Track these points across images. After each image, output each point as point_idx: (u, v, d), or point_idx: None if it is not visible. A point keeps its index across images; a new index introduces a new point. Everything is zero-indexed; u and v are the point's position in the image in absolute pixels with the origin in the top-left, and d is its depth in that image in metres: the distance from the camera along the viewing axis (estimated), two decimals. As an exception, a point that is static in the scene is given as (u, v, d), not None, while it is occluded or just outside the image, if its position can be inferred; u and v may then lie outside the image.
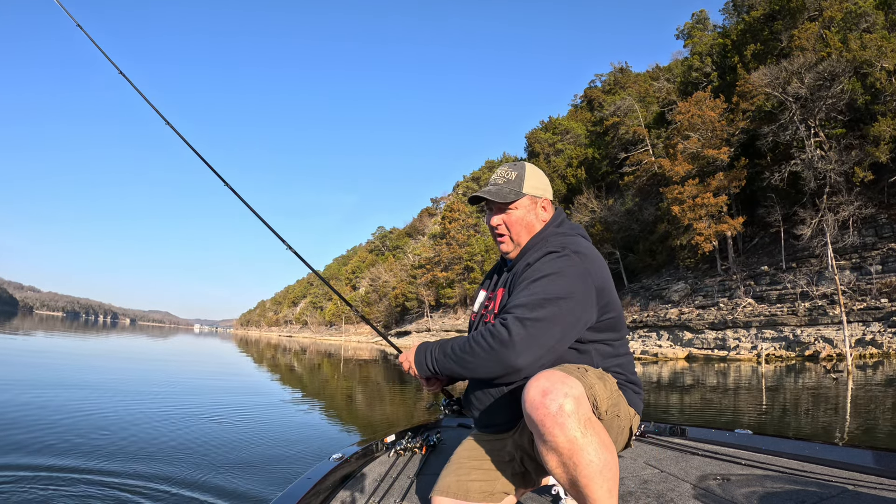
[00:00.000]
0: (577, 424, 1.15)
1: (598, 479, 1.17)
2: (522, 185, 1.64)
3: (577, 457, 1.16)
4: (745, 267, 30.60)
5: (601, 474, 1.17)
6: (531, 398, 1.18)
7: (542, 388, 1.17)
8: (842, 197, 26.44)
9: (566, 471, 1.19)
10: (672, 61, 49.49)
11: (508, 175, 1.66)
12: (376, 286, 79.71)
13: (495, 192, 1.63)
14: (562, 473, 1.20)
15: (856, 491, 1.59)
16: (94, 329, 54.03)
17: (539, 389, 1.18)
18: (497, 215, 1.65)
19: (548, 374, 1.22)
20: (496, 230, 1.66)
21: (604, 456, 1.18)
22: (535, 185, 1.67)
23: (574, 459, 1.16)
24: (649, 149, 40.98)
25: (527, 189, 1.64)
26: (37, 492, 3.46)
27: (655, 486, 1.79)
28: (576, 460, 1.16)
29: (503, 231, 1.65)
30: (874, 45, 24.98)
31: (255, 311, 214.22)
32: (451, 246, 59.16)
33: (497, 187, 1.65)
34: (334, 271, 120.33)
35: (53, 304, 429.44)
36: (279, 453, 5.08)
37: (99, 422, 5.82)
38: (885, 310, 21.76)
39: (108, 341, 29.20)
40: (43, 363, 12.74)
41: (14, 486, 3.55)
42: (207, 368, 16.01)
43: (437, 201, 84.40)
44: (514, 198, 1.62)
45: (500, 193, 1.63)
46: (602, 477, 1.17)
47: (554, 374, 1.22)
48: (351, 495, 1.75)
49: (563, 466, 1.19)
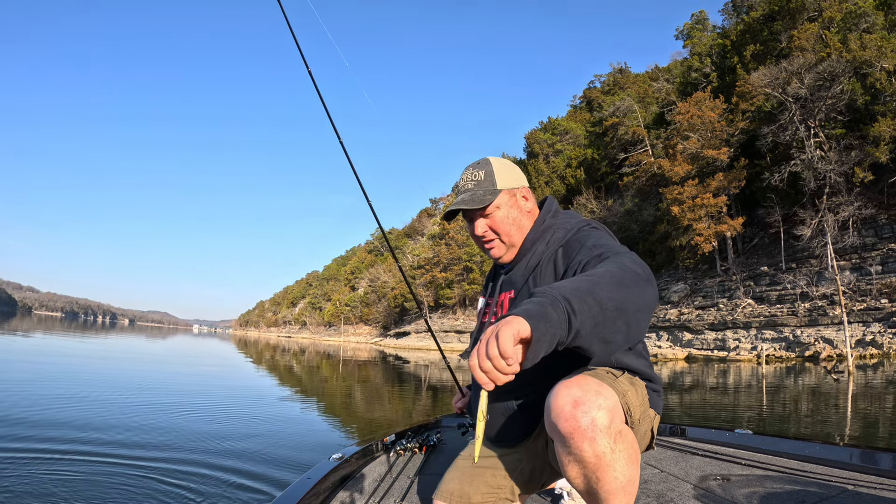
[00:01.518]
0: (608, 440, 1.05)
1: (619, 495, 1.10)
2: (495, 182, 1.49)
3: (602, 472, 1.07)
4: (745, 267, 30.61)
5: (624, 490, 1.10)
6: (559, 407, 1.06)
7: (574, 398, 1.05)
8: (842, 197, 26.45)
9: (587, 482, 1.11)
10: (671, 62, 49.55)
11: (476, 176, 1.51)
12: (375, 287, 79.72)
13: (471, 200, 1.47)
14: (581, 484, 1.12)
15: (856, 491, 1.59)
16: (92, 329, 53.99)
17: (570, 399, 1.06)
18: (479, 222, 1.50)
19: (580, 380, 1.10)
20: (483, 238, 1.51)
21: (629, 472, 1.09)
22: (507, 176, 1.52)
23: (598, 474, 1.08)
24: (648, 149, 41.00)
25: (501, 184, 1.49)
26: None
27: (655, 486, 1.79)
28: (600, 475, 1.08)
29: (491, 236, 1.50)
30: (874, 46, 25.01)
31: (254, 312, 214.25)
32: (450, 246, 59.20)
33: (470, 194, 1.49)
34: (333, 272, 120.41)
35: (52, 305, 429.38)
36: (279, 453, 5.07)
37: (98, 421, 5.81)
38: (885, 310, 21.78)
39: (107, 342, 29.18)
40: (42, 363, 12.74)
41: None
42: (207, 369, 16.00)
43: (436, 202, 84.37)
44: (492, 198, 1.47)
45: (476, 198, 1.47)
46: (624, 492, 1.10)
47: (587, 381, 1.10)
48: (351, 495, 1.75)
49: (585, 478, 1.10)
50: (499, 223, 1.48)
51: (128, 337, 40.28)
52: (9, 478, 3.68)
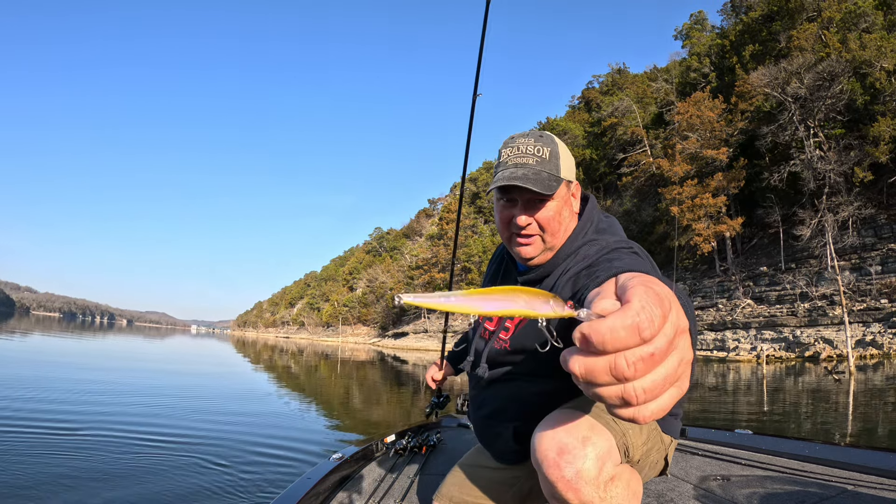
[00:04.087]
0: (595, 490, 0.92)
1: None
2: (559, 167, 1.19)
3: None
4: (745, 268, 30.62)
5: None
6: (543, 452, 0.94)
7: (559, 446, 0.93)
8: (841, 197, 26.49)
9: None
10: (670, 62, 49.59)
11: (541, 152, 1.19)
12: (373, 287, 79.68)
13: (535, 179, 1.14)
14: None
15: (856, 491, 1.59)
16: (91, 330, 53.95)
17: (554, 445, 0.93)
18: (527, 211, 1.19)
19: (568, 421, 0.97)
20: (523, 231, 1.20)
21: None
22: (569, 166, 1.24)
23: None
24: (647, 149, 41.03)
25: (564, 172, 1.21)
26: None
27: (655, 486, 1.79)
28: None
29: (535, 231, 1.20)
30: (873, 45, 25.05)
31: (253, 312, 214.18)
32: (449, 247, 59.20)
33: (532, 171, 1.16)
34: (331, 272, 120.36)
35: (50, 305, 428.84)
36: (279, 454, 5.07)
37: (99, 419, 5.81)
38: (885, 310, 21.79)
39: (107, 343, 29.15)
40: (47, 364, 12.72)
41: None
42: (206, 370, 15.99)
43: (434, 202, 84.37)
44: (556, 186, 1.17)
45: (542, 180, 1.15)
46: None
47: (576, 422, 0.96)
48: (351, 496, 1.75)
49: None
50: (550, 219, 1.19)
51: (127, 337, 40.25)
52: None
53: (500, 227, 1.26)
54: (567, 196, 1.23)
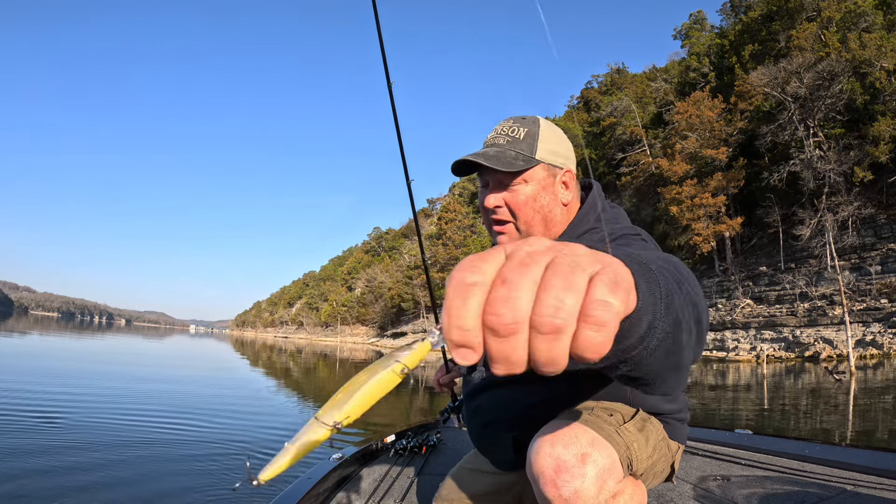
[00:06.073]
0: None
1: None
2: (535, 147, 1.12)
3: None
4: (744, 267, 30.64)
5: None
6: (539, 468, 0.88)
7: (556, 462, 0.87)
8: (841, 197, 26.51)
9: None
10: (669, 62, 49.60)
11: (515, 132, 1.14)
12: (372, 287, 79.67)
13: (495, 158, 1.09)
14: None
15: (856, 491, 1.59)
16: (89, 330, 53.92)
17: (552, 462, 0.87)
18: (496, 193, 1.13)
19: (567, 434, 0.90)
20: (494, 214, 1.14)
21: None
22: (552, 148, 1.15)
23: None
24: (647, 149, 41.03)
25: (541, 154, 1.12)
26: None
27: (655, 486, 1.79)
28: None
29: (505, 216, 1.13)
30: (873, 45, 25.07)
31: (251, 312, 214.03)
32: (448, 247, 59.15)
33: (497, 149, 1.12)
34: (330, 272, 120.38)
35: (49, 305, 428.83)
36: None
37: (99, 419, 5.81)
38: (885, 310, 21.81)
39: (107, 343, 29.13)
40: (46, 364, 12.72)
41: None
42: (206, 372, 15.99)
43: (433, 202, 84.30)
44: (524, 165, 1.09)
45: (503, 158, 1.09)
46: None
47: (576, 437, 0.90)
48: (350, 496, 1.75)
49: None
50: (521, 203, 1.11)
51: (126, 338, 40.22)
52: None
53: (482, 213, 1.18)
54: (549, 181, 1.13)
